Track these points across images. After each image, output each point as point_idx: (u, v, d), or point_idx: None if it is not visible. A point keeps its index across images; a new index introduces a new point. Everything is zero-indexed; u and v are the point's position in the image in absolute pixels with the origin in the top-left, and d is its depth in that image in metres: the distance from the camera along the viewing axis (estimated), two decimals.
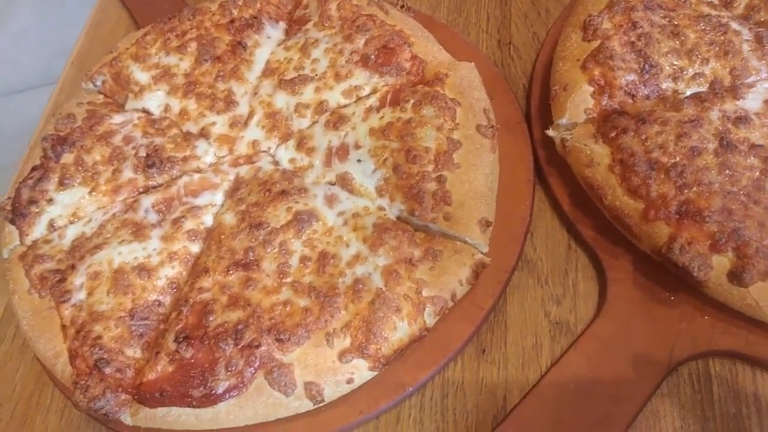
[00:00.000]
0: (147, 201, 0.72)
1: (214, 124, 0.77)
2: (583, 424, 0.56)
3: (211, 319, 0.61)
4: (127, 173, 0.74)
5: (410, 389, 0.60)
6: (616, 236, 0.63)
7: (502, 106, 0.74)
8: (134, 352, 0.62)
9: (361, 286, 0.61)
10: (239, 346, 0.59)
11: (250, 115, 0.76)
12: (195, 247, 0.68)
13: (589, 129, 0.66)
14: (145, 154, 0.75)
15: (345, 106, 0.74)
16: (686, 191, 0.59)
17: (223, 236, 0.68)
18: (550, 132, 0.69)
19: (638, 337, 0.59)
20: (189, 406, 0.58)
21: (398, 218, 0.66)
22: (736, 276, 0.56)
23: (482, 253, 0.64)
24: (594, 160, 0.64)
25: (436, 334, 0.61)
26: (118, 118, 0.79)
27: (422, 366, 0.61)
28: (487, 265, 0.63)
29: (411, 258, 0.62)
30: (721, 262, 0.57)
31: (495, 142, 0.70)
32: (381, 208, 0.67)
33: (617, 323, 0.60)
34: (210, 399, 0.58)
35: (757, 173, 0.60)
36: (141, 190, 0.73)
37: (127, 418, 0.60)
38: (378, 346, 0.58)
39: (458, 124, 0.69)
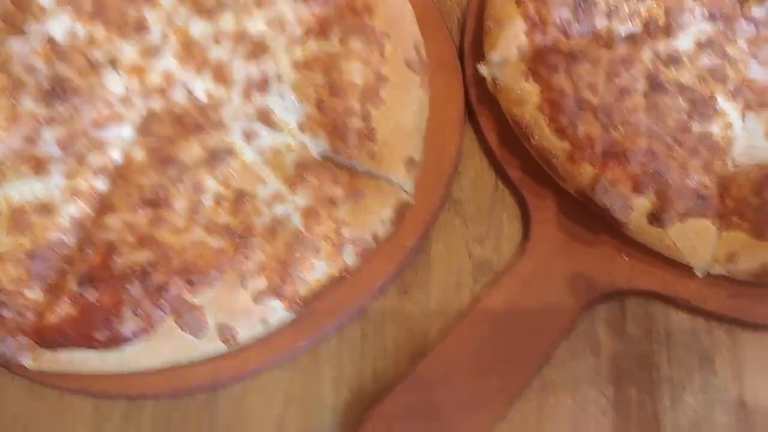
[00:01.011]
0: (49, 134, 0.66)
1: (124, 52, 0.71)
2: (501, 359, 0.56)
3: (117, 259, 0.58)
4: (28, 105, 0.68)
5: (329, 329, 0.59)
6: (543, 177, 0.62)
7: (435, 41, 0.71)
8: (35, 295, 0.58)
9: (278, 226, 0.58)
10: (147, 288, 0.56)
11: (164, 43, 0.71)
12: (101, 185, 0.63)
13: (521, 66, 0.64)
14: (47, 85, 0.69)
15: (267, 35, 0.69)
16: (612, 132, 0.58)
17: (131, 173, 0.63)
18: (481, 68, 0.66)
19: (558, 276, 0.59)
20: (93, 348, 0.55)
21: (322, 156, 0.63)
22: (655, 217, 0.55)
23: (407, 193, 0.62)
24: (523, 98, 0.62)
25: (358, 274, 0.59)
26: (17, 45, 0.72)
27: (342, 306, 0.59)
28: (411, 206, 0.61)
29: (332, 198, 0.60)
30: (642, 204, 0.56)
31: (425, 78, 0.67)
32: (303, 145, 0.63)
33: (539, 263, 0.59)
34: (115, 341, 0.55)
35: (684, 115, 0.59)
36: (42, 122, 0.67)
37: (29, 362, 0.56)
38: (295, 288, 0.56)
39: (387, 58, 0.66)
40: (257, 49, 0.68)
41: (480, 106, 0.68)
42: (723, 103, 0.60)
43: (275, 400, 0.57)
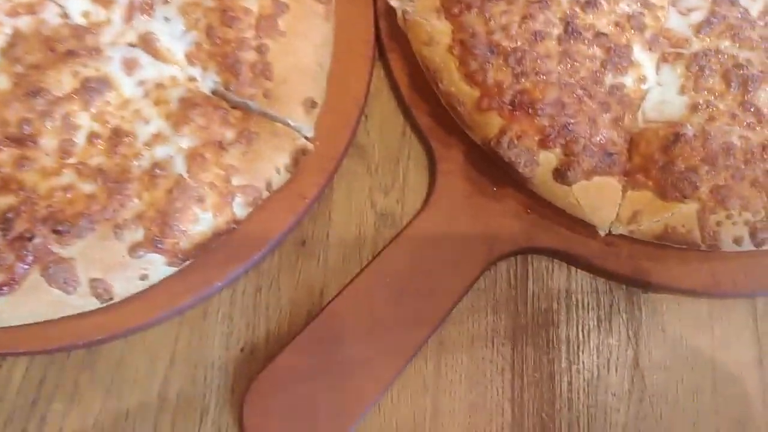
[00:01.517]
0: None
1: None
2: (398, 318, 0.54)
3: None
4: None
5: (218, 284, 0.54)
6: (452, 125, 0.59)
7: None
8: None
9: (158, 171, 0.53)
10: (8, 238, 0.50)
11: None
12: None
13: (434, 2, 0.59)
14: None
15: None
16: (523, 80, 0.55)
17: None
18: (393, 2, 0.61)
19: (460, 231, 0.56)
20: None
21: (213, 93, 0.57)
22: (560, 174, 0.53)
23: (306, 137, 0.57)
24: (434, 38, 0.58)
25: (251, 225, 0.55)
26: None
27: (233, 259, 0.55)
28: (309, 152, 0.56)
29: (221, 141, 0.54)
30: (548, 159, 0.54)
31: (331, 8, 0.61)
32: (192, 79, 0.57)
33: (441, 217, 0.57)
34: None
35: (598, 64, 0.56)
36: None
37: None
38: (175, 241, 0.51)
39: None
40: None
41: (390, 42, 0.63)
42: (639, 53, 0.58)
43: (160, 358, 0.53)
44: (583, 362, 0.54)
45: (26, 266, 0.50)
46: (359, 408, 0.51)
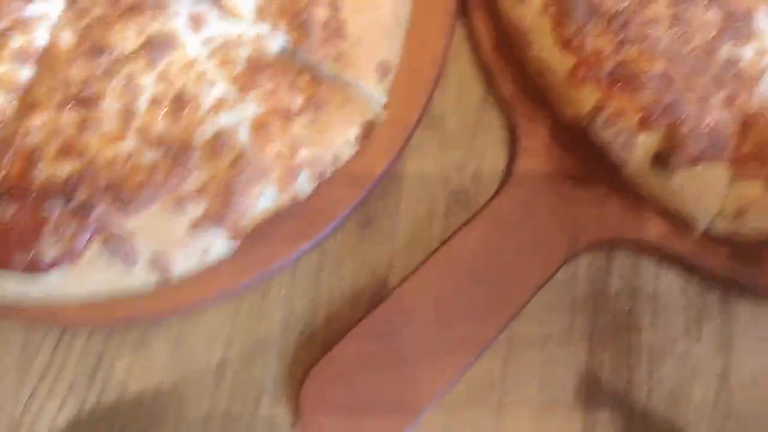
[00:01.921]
0: None
1: None
2: (468, 307, 0.50)
3: (38, 169, 0.50)
4: None
5: (279, 264, 0.52)
6: (539, 97, 0.53)
7: None
8: None
9: (223, 140, 0.50)
10: (69, 207, 0.49)
11: None
12: (25, 73, 0.54)
13: None
14: None
15: None
16: (626, 48, 0.48)
17: (58, 61, 0.53)
18: None
19: (541, 217, 0.51)
20: (10, 270, 0.49)
21: (282, 53, 0.53)
22: (661, 159, 0.47)
23: (379, 106, 0.52)
24: None
25: (315, 201, 0.52)
26: None
27: (296, 238, 0.52)
28: (381, 123, 0.52)
29: (288, 108, 0.51)
30: (649, 142, 0.48)
31: None
32: (260, 38, 0.53)
33: (521, 200, 0.52)
34: (35, 267, 0.49)
35: (714, 33, 0.49)
36: None
37: None
38: (238, 216, 0.49)
39: None
40: None
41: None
42: (762, 21, 0.50)
43: (217, 339, 0.52)
44: (665, 371, 0.49)
45: (88, 236, 0.49)
46: (422, 403, 0.48)
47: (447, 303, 0.50)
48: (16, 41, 0.54)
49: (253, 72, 0.51)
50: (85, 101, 0.51)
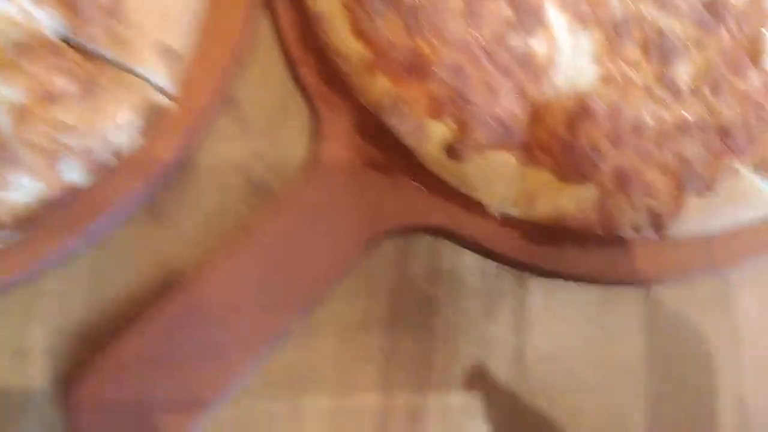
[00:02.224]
0: None
1: None
2: (264, 300, 0.47)
3: None
4: None
5: (51, 258, 0.47)
6: (340, 86, 0.51)
7: None
8: None
9: None
10: None
11: None
12: None
13: None
14: None
15: None
16: (417, 38, 0.48)
17: None
18: None
19: (342, 205, 0.50)
20: None
21: (56, 34, 0.48)
22: (451, 148, 0.47)
23: (161, 91, 0.49)
24: None
25: (93, 192, 0.47)
26: None
27: (68, 230, 0.47)
28: (164, 109, 0.48)
29: (53, 93, 0.45)
30: (439, 131, 0.48)
31: None
32: (28, 16, 0.47)
33: (321, 188, 0.50)
34: None
35: (503, 25, 0.50)
36: None
37: None
38: None
39: None
40: None
41: None
42: (552, 13, 0.51)
43: None
44: (463, 352, 0.50)
45: None
46: (208, 398, 0.45)
47: (239, 294, 0.47)
48: None
49: (19, 56, 0.46)
50: None
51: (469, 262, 0.51)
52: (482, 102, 0.48)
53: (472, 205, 0.50)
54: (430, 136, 0.47)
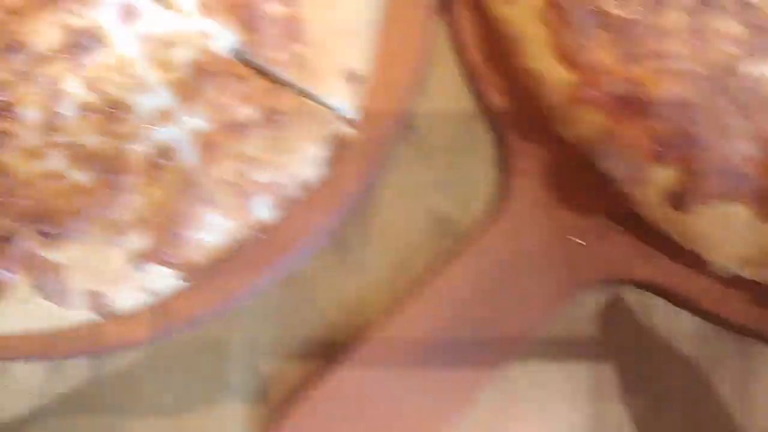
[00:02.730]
0: None
1: None
2: (455, 353, 0.44)
3: None
4: None
5: (241, 296, 0.45)
6: (534, 111, 0.45)
7: None
8: None
9: (163, 160, 0.42)
10: None
11: None
12: None
13: None
14: None
15: None
16: (635, 65, 0.41)
17: None
18: None
19: (537, 251, 0.45)
20: None
21: (234, 55, 0.45)
22: (676, 197, 0.41)
23: (348, 120, 0.45)
24: None
25: (279, 226, 0.44)
26: None
27: (257, 268, 0.45)
28: (350, 140, 0.45)
29: (240, 122, 0.43)
30: (662, 176, 0.41)
31: None
32: (205, 35, 0.45)
33: (513, 231, 0.45)
34: None
35: (735, 48, 0.42)
36: None
37: None
38: (184, 251, 0.42)
39: None
40: None
41: None
42: None
43: (172, 373, 0.46)
44: (674, 420, 0.44)
45: (11, 273, 0.41)
46: None
47: (431, 346, 0.44)
48: None
49: (198, 79, 0.43)
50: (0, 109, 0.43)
51: (684, 323, 0.45)
52: (713, 144, 0.41)
53: (690, 260, 0.43)
54: (650, 181, 0.41)
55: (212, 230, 0.42)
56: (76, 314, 0.43)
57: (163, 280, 0.43)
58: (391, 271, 0.47)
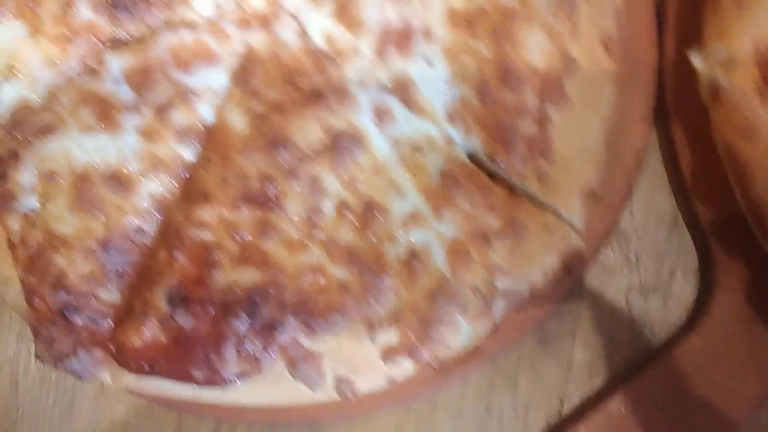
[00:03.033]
0: (116, 63, 0.50)
1: None
2: None
3: (216, 274, 0.46)
4: (85, 12, 0.50)
5: (452, 379, 0.50)
6: (744, 232, 0.49)
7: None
8: (111, 296, 0.48)
9: (417, 263, 0.46)
10: (255, 325, 0.46)
11: None
12: (188, 154, 0.49)
13: (753, 75, 0.47)
14: None
15: None
16: None
17: (231, 149, 0.49)
18: (695, 59, 0.49)
19: (735, 362, 0.49)
20: (186, 383, 0.47)
21: (470, 156, 0.49)
22: None
23: (579, 232, 0.48)
24: (757, 130, 0.46)
25: (502, 323, 0.48)
26: None
27: (475, 356, 0.49)
28: (583, 257, 0.49)
29: (486, 232, 0.47)
30: None
31: (619, 65, 0.50)
32: (449, 141, 0.48)
33: (714, 343, 0.49)
34: (214, 381, 0.46)
35: None
36: (106, 43, 0.51)
37: (106, 379, 0.48)
38: (434, 351, 0.46)
39: (579, 30, 0.48)
40: None
41: (677, 104, 0.52)
42: None
43: None
44: None
45: (272, 358, 0.46)
46: None
47: None
48: (179, 116, 0.49)
49: (447, 187, 0.47)
50: (266, 202, 0.47)
51: None
52: None
53: None
54: None
55: (459, 334, 0.46)
56: (320, 395, 0.47)
57: (406, 370, 0.47)
58: (591, 366, 0.51)
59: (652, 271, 0.52)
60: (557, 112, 0.47)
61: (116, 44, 0.50)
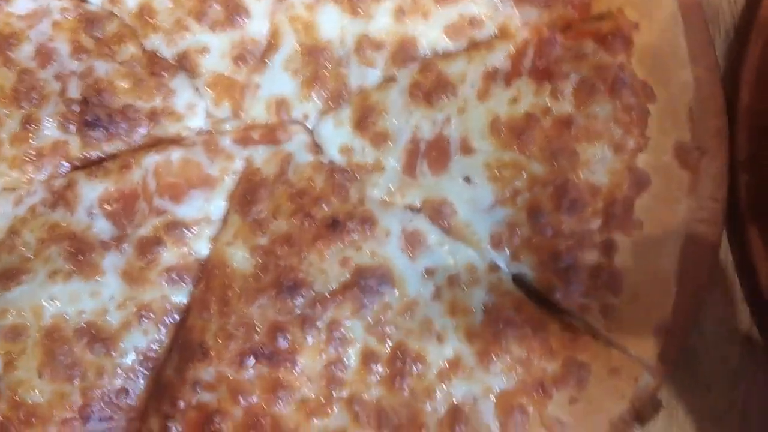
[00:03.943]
0: (90, 192, 0.41)
1: (205, 49, 0.43)
2: None
3: None
4: (50, 130, 0.42)
5: None
6: None
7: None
8: None
9: (462, 426, 0.39)
10: None
11: (273, 40, 0.43)
12: (180, 297, 0.41)
13: None
14: (79, 95, 0.42)
15: (448, 56, 0.42)
16: None
17: (230, 290, 0.40)
18: None
19: None
20: None
21: (514, 278, 0.41)
22: None
23: (652, 369, 0.40)
24: None
25: None
26: (22, 5, 0.42)
27: None
28: (657, 402, 0.41)
29: (542, 380, 0.39)
30: None
31: (697, 175, 0.41)
32: (493, 269, 0.40)
33: None
34: None
35: None
36: (77, 164, 0.42)
37: None
38: None
39: (649, 138, 0.41)
40: (432, 82, 0.41)
41: (752, 210, 0.44)
42: None
43: None
44: None
45: None
46: None
47: None
48: (169, 256, 0.41)
49: (493, 325, 0.39)
50: (276, 356, 0.39)
51: None
52: None
53: None
54: None
55: None
56: None
57: None
58: None
59: (722, 394, 0.44)
60: (624, 236, 0.40)
61: (88, 165, 0.42)
